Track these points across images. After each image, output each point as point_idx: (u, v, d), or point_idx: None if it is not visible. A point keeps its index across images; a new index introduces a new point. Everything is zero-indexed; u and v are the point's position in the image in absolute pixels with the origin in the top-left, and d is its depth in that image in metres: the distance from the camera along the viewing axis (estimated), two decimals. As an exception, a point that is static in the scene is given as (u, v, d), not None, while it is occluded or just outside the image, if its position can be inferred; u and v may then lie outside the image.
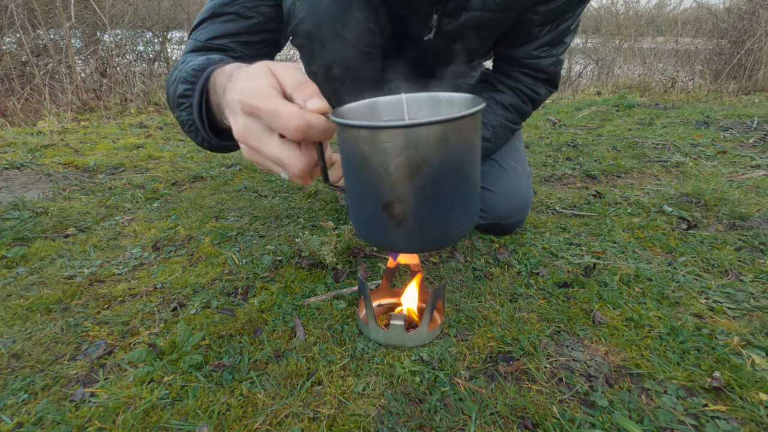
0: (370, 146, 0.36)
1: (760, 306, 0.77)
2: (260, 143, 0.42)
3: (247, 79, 0.42)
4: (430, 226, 0.39)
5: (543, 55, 0.89)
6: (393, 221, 0.39)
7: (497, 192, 1.00)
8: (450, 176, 0.38)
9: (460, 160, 0.38)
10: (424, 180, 0.36)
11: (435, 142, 0.35)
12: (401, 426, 0.55)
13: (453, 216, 0.40)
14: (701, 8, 4.64)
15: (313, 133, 0.39)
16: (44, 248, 0.99)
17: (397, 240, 0.40)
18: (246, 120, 0.42)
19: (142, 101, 2.99)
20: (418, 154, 0.35)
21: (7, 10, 2.80)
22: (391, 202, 0.38)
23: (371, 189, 0.38)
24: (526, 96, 0.95)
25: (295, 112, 0.39)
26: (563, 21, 0.84)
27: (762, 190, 1.30)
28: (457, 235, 0.42)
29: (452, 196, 0.39)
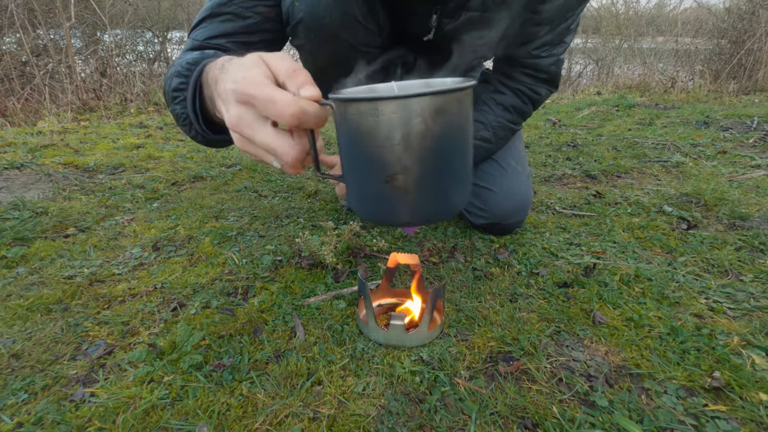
0: (375, 119, 0.37)
1: (760, 306, 0.77)
2: (253, 132, 0.42)
3: (240, 69, 0.43)
4: (433, 196, 0.41)
5: (543, 55, 0.89)
6: (397, 193, 0.40)
7: (497, 192, 1.00)
8: (450, 147, 0.39)
9: (459, 132, 0.40)
10: (427, 150, 0.38)
11: (438, 111, 0.37)
12: (401, 426, 0.55)
13: (453, 186, 0.41)
14: (701, 8, 4.64)
15: (307, 120, 0.40)
16: (44, 248, 0.99)
17: (402, 212, 0.41)
18: (239, 109, 0.42)
19: (142, 101, 3.00)
20: (422, 124, 0.37)
21: (7, 10, 2.80)
22: (395, 173, 0.39)
23: (375, 163, 0.39)
24: (526, 96, 0.95)
25: (290, 100, 0.39)
26: (563, 20, 0.84)
27: (762, 190, 1.30)
28: (456, 206, 0.43)
29: (452, 167, 0.40)
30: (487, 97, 0.96)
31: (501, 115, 0.96)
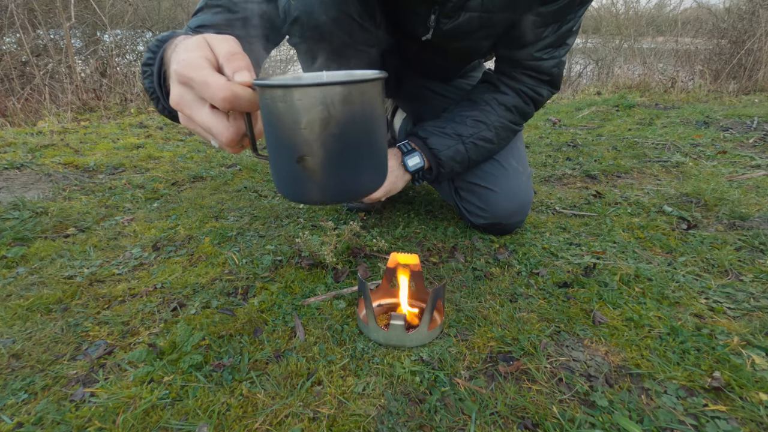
0: (284, 104, 0.40)
1: (760, 306, 0.77)
2: (192, 112, 0.44)
3: (185, 50, 0.44)
4: (340, 178, 0.44)
5: (545, 57, 0.89)
6: (306, 173, 0.43)
7: (498, 191, 1.00)
8: (355, 133, 0.42)
9: (364, 120, 0.43)
10: (331, 135, 0.41)
11: (340, 100, 0.40)
12: (401, 426, 0.55)
13: (360, 170, 0.45)
14: (701, 8, 4.64)
15: (239, 104, 0.42)
16: (44, 248, 0.99)
17: (311, 192, 0.44)
18: (181, 89, 0.44)
19: (142, 101, 3.00)
20: (325, 111, 0.40)
21: (7, 10, 2.80)
22: (304, 155, 0.42)
23: (287, 145, 0.42)
24: (528, 97, 0.95)
25: (222, 84, 0.41)
26: (565, 22, 0.84)
27: (762, 190, 1.30)
28: (366, 188, 0.47)
29: (358, 152, 0.44)
30: (489, 97, 0.96)
31: (503, 115, 0.96)
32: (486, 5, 0.78)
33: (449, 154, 0.93)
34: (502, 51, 0.94)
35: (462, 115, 0.95)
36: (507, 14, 0.82)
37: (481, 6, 0.78)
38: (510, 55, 0.92)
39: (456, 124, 0.94)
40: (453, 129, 0.94)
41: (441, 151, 0.93)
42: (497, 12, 0.80)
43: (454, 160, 0.94)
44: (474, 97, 0.97)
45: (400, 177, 0.93)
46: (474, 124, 0.94)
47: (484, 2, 0.77)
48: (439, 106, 1.15)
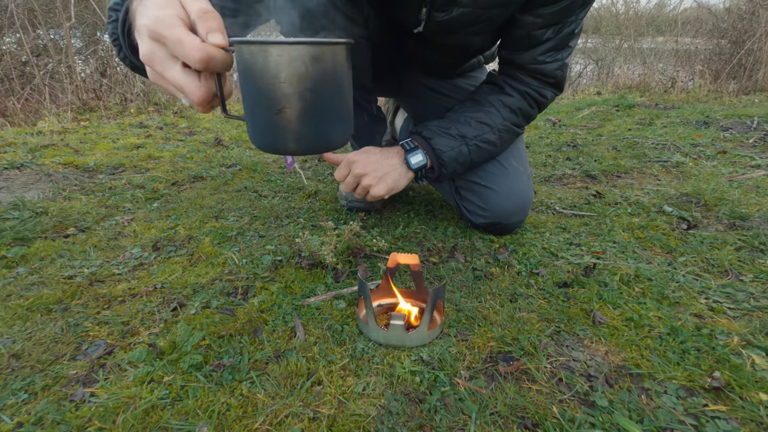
0: (264, 59, 0.44)
1: (760, 306, 0.77)
2: (164, 69, 0.45)
3: (155, 6, 0.45)
4: (315, 129, 0.49)
5: (549, 60, 0.89)
6: (284, 124, 0.47)
7: (498, 191, 1.00)
8: (327, 89, 0.47)
9: (334, 78, 0.48)
10: (307, 89, 0.46)
11: (315, 58, 0.45)
12: (401, 426, 0.55)
13: (332, 123, 0.50)
14: (701, 8, 4.64)
15: (213, 65, 0.43)
16: (44, 248, 0.99)
17: (288, 141, 0.49)
18: (152, 45, 0.45)
19: (142, 101, 2.99)
20: (302, 67, 0.45)
21: (7, 10, 2.80)
22: (283, 107, 0.46)
23: (266, 98, 0.46)
24: (532, 99, 0.95)
25: (197, 44, 0.42)
26: (567, 24, 0.84)
27: (762, 190, 1.30)
28: (336, 141, 0.52)
29: (330, 107, 0.49)
30: (494, 98, 0.95)
31: (507, 117, 0.95)
32: (478, 1, 0.78)
33: (452, 156, 0.93)
34: (505, 54, 0.94)
35: (466, 116, 0.95)
36: (499, 11, 0.82)
37: (474, 2, 0.78)
38: (513, 58, 0.92)
39: (461, 125, 0.94)
40: (457, 130, 0.93)
41: (444, 152, 0.92)
42: (489, 8, 0.80)
43: (456, 161, 0.94)
44: (479, 98, 0.97)
45: (403, 175, 0.92)
46: (478, 126, 0.94)
47: None
48: (439, 105, 1.15)
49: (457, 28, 0.85)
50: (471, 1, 0.78)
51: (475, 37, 0.90)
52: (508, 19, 0.86)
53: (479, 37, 0.90)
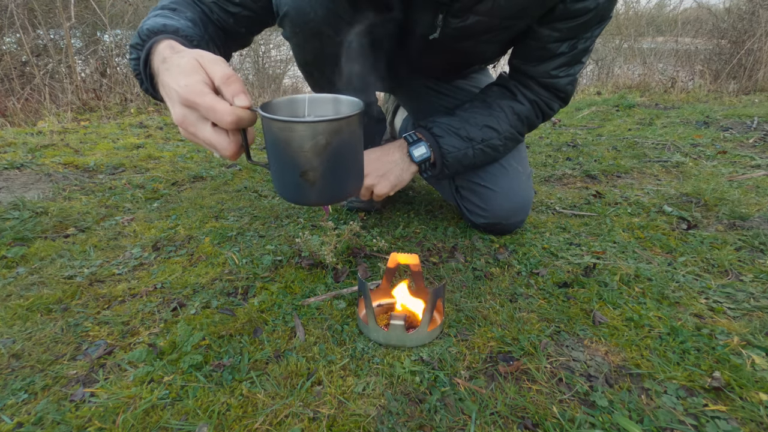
0: (289, 134, 0.51)
1: (760, 306, 0.77)
2: (196, 130, 0.52)
3: (181, 74, 0.51)
4: (332, 186, 0.56)
5: (562, 75, 0.89)
6: (308, 184, 0.55)
7: (498, 191, 1.00)
8: (344, 153, 0.54)
9: (350, 143, 0.55)
10: (328, 155, 0.53)
11: (334, 131, 0.52)
12: (401, 426, 0.55)
13: (347, 179, 0.58)
14: (701, 8, 4.64)
15: (242, 125, 0.50)
16: (44, 248, 0.99)
17: (311, 196, 0.56)
18: (184, 110, 0.51)
19: (142, 101, 2.99)
20: (323, 139, 0.51)
21: (7, 10, 2.80)
22: (307, 171, 0.53)
23: (292, 163, 0.53)
24: (540, 110, 0.95)
25: (228, 109, 0.48)
26: (581, 41, 0.84)
27: (762, 190, 1.30)
28: (352, 190, 0.60)
29: (346, 166, 0.56)
30: (505, 104, 0.95)
31: (515, 125, 0.95)
32: (494, 11, 0.77)
33: (457, 157, 0.93)
34: (518, 64, 0.93)
35: (476, 119, 0.94)
36: (515, 21, 0.81)
37: (490, 11, 0.78)
38: (526, 69, 0.91)
39: (470, 128, 0.93)
40: (466, 132, 0.93)
41: (450, 152, 0.92)
42: (506, 18, 0.80)
43: (460, 163, 0.94)
44: (489, 100, 0.96)
45: (406, 169, 0.92)
46: (486, 131, 0.94)
47: (492, 8, 0.77)
48: (440, 104, 1.15)
49: (471, 35, 0.85)
50: (488, 10, 0.77)
51: (487, 45, 0.90)
52: (524, 31, 0.86)
53: (492, 45, 0.90)
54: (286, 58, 5.16)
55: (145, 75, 0.64)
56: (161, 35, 0.62)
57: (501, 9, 0.77)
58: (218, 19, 0.80)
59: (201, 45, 0.68)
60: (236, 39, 0.86)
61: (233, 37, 0.85)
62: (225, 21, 0.80)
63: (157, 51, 0.60)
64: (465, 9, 0.79)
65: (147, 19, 0.68)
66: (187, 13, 0.73)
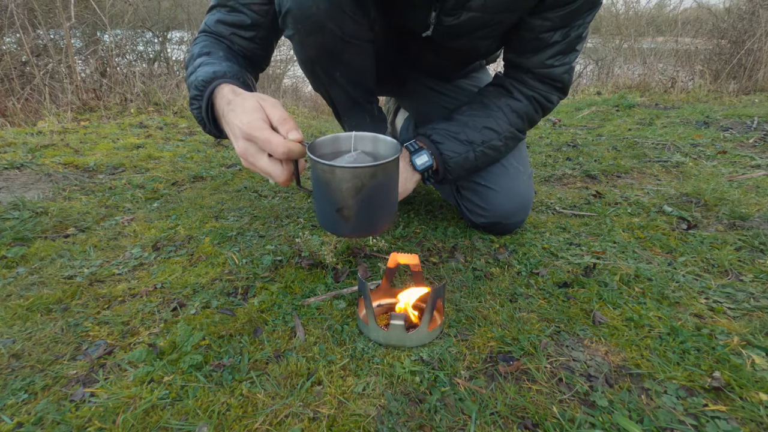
0: (330, 175, 0.58)
1: (760, 306, 0.77)
2: (255, 160, 0.61)
3: (244, 113, 0.61)
4: (365, 222, 0.62)
5: (557, 64, 0.89)
6: (342, 219, 0.61)
7: (499, 191, 1.00)
8: (378, 194, 0.60)
9: (385, 185, 0.60)
10: (362, 197, 0.59)
11: (369, 176, 0.58)
12: (401, 426, 0.55)
13: (379, 216, 0.63)
14: (701, 8, 4.64)
15: (292, 156, 0.59)
16: (44, 248, 0.99)
17: (345, 229, 0.63)
18: (245, 143, 0.61)
19: (142, 101, 2.99)
20: (359, 182, 0.57)
21: (7, 10, 2.80)
22: (342, 208, 0.60)
23: (330, 199, 0.60)
24: (539, 104, 0.95)
25: (282, 142, 0.58)
26: (574, 28, 0.84)
27: (762, 190, 1.30)
28: (381, 227, 0.65)
29: (379, 205, 0.62)
30: (502, 103, 0.94)
31: (514, 123, 0.95)
32: (488, 6, 0.78)
33: (459, 161, 0.93)
34: (513, 57, 0.93)
35: (474, 121, 0.94)
36: (508, 15, 0.81)
37: (482, 7, 0.78)
38: (521, 61, 0.91)
39: (469, 131, 0.93)
40: (466, 135, 0.92)
41: (452, 157, 0.92)
42: (498, 13, 0.80)
43: (462, 167, 0.94)
44: (486, 101, 0.96)
45: (410, 178, 0.92)
46: (486, 132, 0.93)
47: (486, 3, 0.77)
48: (441, 105, 1.15)
49: (466, 32, 0.85)
50: (480, 6, 0.78)
51: (482, 41, 0.90)
52: (516, 23, 0.86)
53: (486, 41, 0.90)
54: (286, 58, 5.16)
55: (208, 119, 0.74)
56: (215, 82, 0.72)
57: (493, 4, 0.77)
58: (240, 48, 0.87)
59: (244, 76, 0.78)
60: (258, 63, 0.93)
61: (256, 62, 0.92)
62: (246, 48, 0.87)
63: (221, 95, 0.69)
64: (458, 6, 0.79)
65: (194, 71, 0.77)
66: (220, 53, 0.82)
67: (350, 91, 0.93)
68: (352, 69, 0.88)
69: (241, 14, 0.84)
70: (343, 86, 0.91)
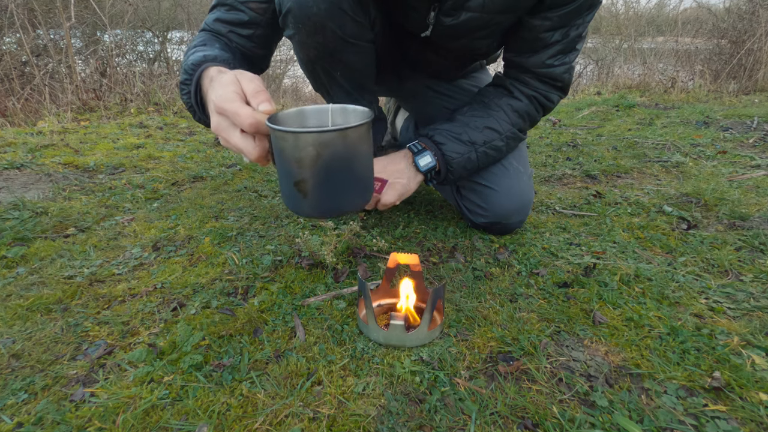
0: (283, 143, 0.53)
1: (760, 306, 0.77)
2: (228, 135, 0.57)
3: (220, 86, 0.58)
4: (325, 199, 0.56)
5: (557, 64, 0.89)
6: (300, 194, 0.55)
7: (499, 191, 1.00)
8: (338, 168, 0.54)
9: (346, 156, 0.54)
10: (318, 169, 0.53)
11: (326, 143, 0.52)
12: (401, 426, 0.55)
13: (344, 194, 0.57)
14: (701, 8, 4.64)
15: (262, 129, 0.55)
16: (44, 248, 0.99)
17: (306, 208, 0.57)
18: (218, 118, 0.58)
19: (142, 101, 2.99)
20: (314, 151, 0.52)
21: (7, 10, 2.80)
22: (299, 181, 0.54)
23: (287, 172, 0.55)
24: (539, 103, 0.95)
25: (249, 113, 0.54)
26: (573, 28, 0.84)
27: (762, 190, 1.30)
28: (348, 208, 0.59)
29: (341, 180, 0.55)
30: (503, 102, 0.94)
31: (515, 122, 0.95)
32: (487, 6, 0.78)
33: (461, 162, 0.92)
34: (513, 57, 0.93)
35: (476, 122, 0.93)
36: (508, 15, 0.81)
37: (482, 7, 0.78)
38: (521, 61, 0.91)
39: (471, 131, 0.93)
40: (468, 136, 0.92)
41: (454, 158, 0.92)
42: (498, 13, 0.80)
43: (464, 168, 0.94)
44: (487, 101, 0.96)
45: (412, 178, 0.91)
46: (488, 133, 0.93)
47: (485, 4, 0.77)
48: (441, 105, 1.15)
49: (465, 32, 0.85)
50: (479, 6, 0.78)
51: (481, 41, 0.90)
52: (515, 23, 0.86)
53: (486, 41, 0.90)
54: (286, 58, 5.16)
55: (197, 105, 0.72)
56: (204, 65, 0.70)
57: (493, 4, 0.77)
58: (237, 46, 0.86)
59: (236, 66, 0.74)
60: (257, 63, 0.92)
61: (255, 62, 0.91)
62: (244, 46, 0.86)
63: (206, 75, 0.67)
64: (456, 6, 0.79)
65: (187, 58, 0.76)
66: (216, 45, 0.81)
67: (351, 91, 0.93)
68: (352, 69, 0.88)
69: (240, 12, 0.84)
70: (344, 86, 0.91)
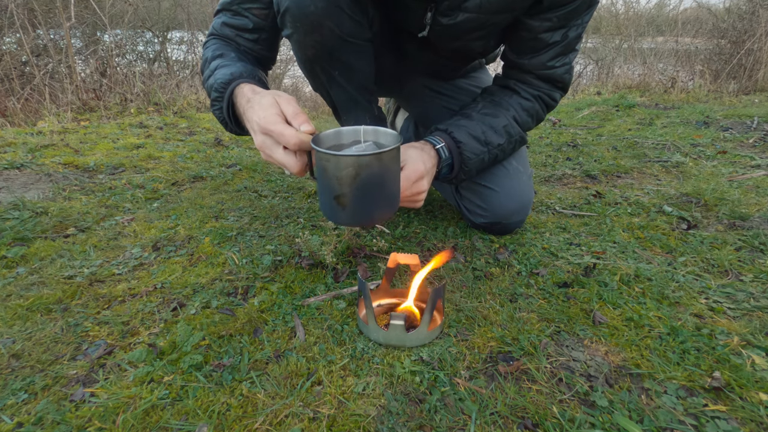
0: (326, 163, 0.62)
1: (760, 306, 0.77)
2: (272, 152, 0.67)
3: (261, 108, 0.67)
4: (361, 211, 0.65)
5: (558, 65, 0.89)
6: (339, 207, 0.64)
7: (498, 191, 1.00)
8: (373, 185, 0.63)
9: (380, 175, 0.63)
10: (356, 186, 0.62)
11: (365, 165, 0.61)
12: (401, 426, 0.55)
13: (375, 207, 0.66)
14: (701, 8, 4.64)
15: (304, 147, 0.64)
16: (44, 248, 0.99)
17: (342, 218, 0.66)
18: (262, 137, 0.67)
19: (142, 101, 2.99)
20: (353, 171, 0.61)
21: (7, 10, 2.80)
22: (338, 195, 0.63)
23: (328, 187, 0.63)
24: (544, 103, 0.95)
25: (294, 134, 0.63)
26: (572, 28, 0.84)
27: (762, 190, 1.30)
28: (379, 218, 0.68)
29: (374, 196, 0.64)
30: (514, 101, 0.94)
31: (525, 122, 0.95)
32: (483, 7, 0.78)
33: (476, 162, 0.91)
34: (514, 58, 0.92)
35: (493, 121, 0.92)
36: (504, 16, 0.81)
37: (479, 7, 0.78)
38: (522, 63, 0.91)
39: (489, 132, 0.91)
40: (485, 137, 0.90)
41: (471, 159, 0.89)
42: (494, 13, 0.80)
43: (477, 168, 0.93)
44: (497, 100, 0.95)
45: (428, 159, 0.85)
46: (503, 134, 0.92)
47: (481, 4, 0.77)
48: (441, 105, 1.15)
49: (462, 33, 0.85)
50: (476, 7, 0.78)
51: (478, 42, 0.90)
52: (513, 23, 0.85)
53: (483, 41, 0.90)
54: (287, 58, 5.16)
55: (230, 118, 0.80)
56: (233, 83, 0.77)
57: (489, 4, 0.77)
58: (246, 50, 0.90)
59: (258, 75, 0.83)
60: (265, 63, 0.97)
61: (263, 62, 0.95)
62: (252, 49, 0.91)
63: (241, 94, 0.75)
64: (453, 7, 0.79)
65: (211, 74, 0.82)
66: (231, 54, 0.86)
67: (350, 90, 0.93)
68: (351, 68, 0.88)
69: (244, 18, 0.87)
70: (343, 86, 0.91)
